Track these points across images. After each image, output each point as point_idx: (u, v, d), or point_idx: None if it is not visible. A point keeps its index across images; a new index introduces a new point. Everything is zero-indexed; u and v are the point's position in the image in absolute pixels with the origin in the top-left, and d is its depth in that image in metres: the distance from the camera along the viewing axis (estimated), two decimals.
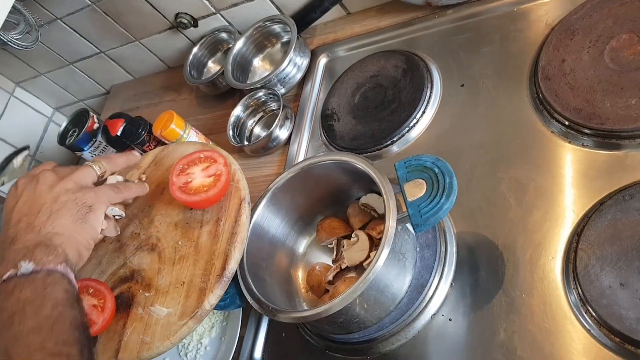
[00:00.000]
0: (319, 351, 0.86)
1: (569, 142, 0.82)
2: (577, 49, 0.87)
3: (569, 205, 0.78)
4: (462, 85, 0.98)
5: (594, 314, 0.68)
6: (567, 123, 0.83)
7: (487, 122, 0.92)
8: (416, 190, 0.73)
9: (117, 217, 0.84)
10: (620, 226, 0.70)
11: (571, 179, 0.80)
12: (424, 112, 0.98)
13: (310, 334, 0.88)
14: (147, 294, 0.80)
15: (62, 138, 1.34)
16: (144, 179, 0.92)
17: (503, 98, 0.92)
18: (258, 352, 0.92)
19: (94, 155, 1.34)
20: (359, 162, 0.80)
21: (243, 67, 1.28)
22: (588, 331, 0.68)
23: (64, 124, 1.36)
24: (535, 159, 0.84)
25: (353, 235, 0.86)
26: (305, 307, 0.88)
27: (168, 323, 0.75)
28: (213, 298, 0.73)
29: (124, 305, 0.81)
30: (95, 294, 0.80)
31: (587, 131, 0.81)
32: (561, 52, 0.88)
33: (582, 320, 0.69)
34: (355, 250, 0.84)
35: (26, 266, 0.64)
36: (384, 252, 0.70)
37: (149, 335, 0.76)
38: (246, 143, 1.19)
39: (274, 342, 0.92)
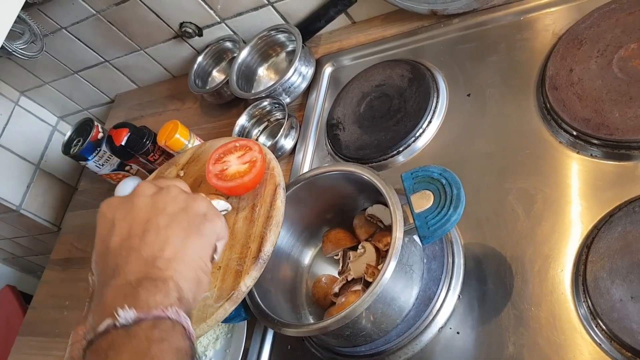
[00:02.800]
0: None
1: (577, 153, 0.81)
2: (585, 59, 0.86)
3: (577, 216, 0.77)
4: (469, 95, 0.97)
5: (604, 327, 0.67)
6: (575, 133, 0.82)
7: (494, 132, 0.91)
8: (423, 201, 0.72)
9: (224, 213, 0.75)
10: (631, 238, 0.69)
11: (580, 190, 0.79)
12: (430, 121, 0.98)
13: (316, 346, 0.87)
14: None
15: (67, 147, 1.34)
16: (182, 175, 0.92)
17: (510, 108, 0.92)
18: None
19: (98, 165, 1.34)
20: (365, 173, 0.79)
21: (248, 76, 1.28)
22: (598, 345, 0.67)
23: (68, 134, 1.36)
24: (543, 170, 0.83)
25: (360, 246, 0.85)
26: (311, 320, 0.87)
27: (204, 306, 0.74)
28: (249, 280, 0.73)
29: None
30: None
31: (595, 142, 0.80)
32: (569, 62, 0.87)
33: (593, 334, 0.68)
34: (361, 262, 0.83)
35: (126, 315, 0.48)
36: (391, 265, 0.69)
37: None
38: None
39: (279, 355, 0.91)
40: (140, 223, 0.56)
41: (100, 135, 1.33)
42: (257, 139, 1.22)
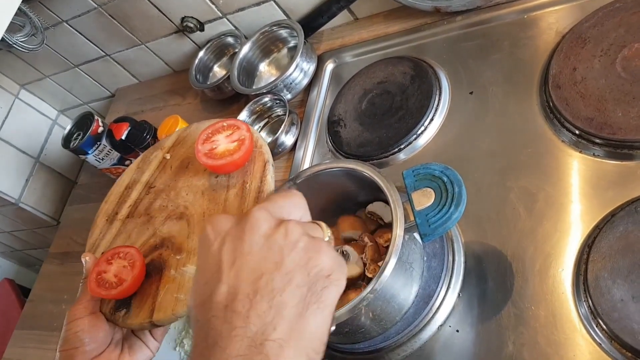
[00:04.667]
0: None
1: (580, 152, 0.81)
2: (588, 58, 0.86)
3: (579, 215, 0.77)
4: (471, 93, 0.97)
5: (605, 327, 0.66)
6: (577, 132, 0.82)
7: (496, 130, 0.91)
8: (424, 199, 0.71)
9: None
10: (633, 238, 0.69)
11: (582, 189, 0.78)
12: (432, 119, 0.97)
13: None
14: (178, 257, 0.80)
15: (66, 141, 1.34)
16: (168, 158, 0.92)
17: (513, 106, 0.91)
18: None
19: (98, 159, 1.34)
20: (366, 170, 0.79)
21: (249, 72, 1.27)
22: (599, 345, 0.67)
23: (68, 127, 1.35)
24: (545, 169, 0.83)
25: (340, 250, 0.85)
26: None
27: (189, 279, 0.75)
28: None
29: (156, 270, 0.81)
30: (125, 256, 0.81)
31: (598, 141, 0.79)
32: (572, 61, 0.87)
33: (593, 334, 0.68)
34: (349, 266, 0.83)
35: None
36: (391, 262, 0.69)
37: (182, 293, 0.76)
38: None
39: None
40: (250, 277, 0.46)
41: (100, 129, 1.32)
42: None
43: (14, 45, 1.25)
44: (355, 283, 0.83)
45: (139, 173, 0.95)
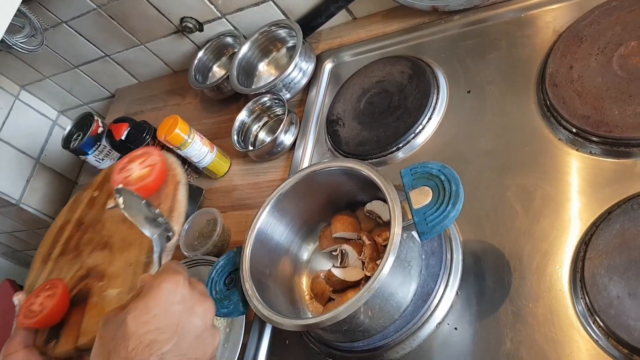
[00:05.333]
0: (323, 359, 0.85)
1: (577, 150, 0.81)
2: (585, 56, 0.86)
3: (576, 213, 0.77)
4: (469, 92, 0.97)
5: (601, 324, 0.67)
6: (574, 130, 0.82)
7: (493, 129, 0.91)
8: (422, 197, 0.72)
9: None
10: (629, 235, 0.70)
11: (579, 187, 0.79)
12: (430, 118, 0.98)
13: (314, 341, 0.87)
14: (100, 284, 0.85)
15: (66, 142, 1.34)
16: (96, 195, 0.97)
17: (510, 105, 0.92)
18: (261, 359, 0.91)
19: (98, 160, 1.34)
20: (364, 169, 0.79)
21: (248, 71, 1.28)
22: (595, 342, 0.67)
23: (68, 128, 1.36)
24: (543, 167, 0.83)
25: (339, 249, 0.86)
26: (309, 315, 0.87)
27: (120, 300, 0.80)
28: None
29: (82, 299, 0.85)
30: (49, 287, 0.85)
31: (595, 139, 0.80)
32: (569, 59, 0.87)
33: (590, 331, 0.68)
34: (349, 270, 0.83)
35: None
36: (389, 260, 0.69)
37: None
38: (251, 148, 1.19)
39: (277, 350, 0.91)
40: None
41: (100, 129, 1.33)
42: (257, 135, 1.23)
43: (14, 46, 1.25)
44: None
45: (71, 213, 1.01)
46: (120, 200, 0.74)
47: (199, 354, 0.60)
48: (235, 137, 1.19)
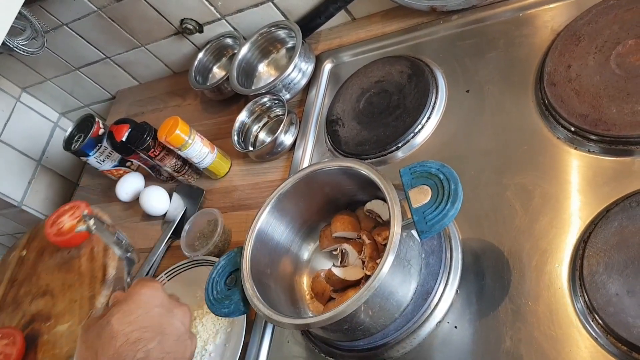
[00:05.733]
0: (323, 359, 0.86)
1: (575, 149, 0.82)
2: (582, 55, 0.86)
3: (575, 211, 0.77)
4: (468, 91, 0.98)
5: (600, 322, 0.67)
6: (573, 129, 0.82)
7: (492, 128, 0.91)
8: (421, 196, 0.72)
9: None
10: (627, 233, 0.70)
11: (577, 185, 0.79)
12: (429, 117, 0.98)
13: (314, 340, 0.88)
14: (48, 323, 0.98)
15: (68, 143, 1.35)
16: (24, 254, 1.10)
17: (508, 104, 0.92)
18: (262, 358, 0.91)
19: (99, 161, 1.35)
20: (363, 168, 0.80)
21: (248, 72, 1.28)
22: (595, 339, 0.68)
23: (69, 130, 1.36)
24: (541, 166, 0.83)
25: (340, 249, 0.86)
26: (310, 314, 0.87)
27: (71, 332, 0.92)
28: (102, 298, 0.94)
29: (31, 342, 0.98)
30: (4, 336, 0.97)
31: (593, 137, 0.80)
32: (567, 58, 0.88)
33: (589, 328, 0.68)
34: (349, 269, 0.84)
35: None
36: (389, 259, 0.70)
37: (57, 348, 0.93)
38: (251, 148, 1.20)
39: (278, 349, 0.91)
40: None
41: (101, 131, 1.33)
42: (257, 135, 1.23)
43: (15, 48, 1.26)
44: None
45: (1, 275, 1.16)
46: (91, 222, 0.84)
47: (179, 355, 0.65)
48: (236, 138, 1.19)
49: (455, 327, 0.78)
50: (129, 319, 0.63)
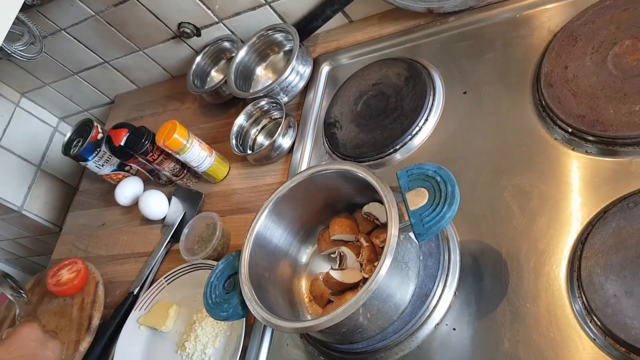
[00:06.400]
0: None
1: (573, 149, 0.82)
2: (579, 55, 0.86)
3: (573, 213, 0.77)
4: (465, 93, 0.98)
5: (599, 323, 0.67)
6: (570, 130, 0.82)
7: (489, 129, 0.91)
8: (418, 199, 0.72)
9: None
10: (625, 234, 0.70)
11: (575, 186, 0.79)
12: (426, 119, 0.98)
13: (313, 343, 0.88)
14: None
15: (67, 148, 1.35)
16: (29, 296, 1.27)
17: (506, 105, 0.92)
18: None
19: (98, 165, 1.35)
20: (361, 171, 0.80)
21: (246, 75, 1.28)
22: (593, 340, 0.67)
23: (68, 134, 1.36)
24: (539, 167, 0.83)
25: (338, 252, 0.86)
26: (309, 317, 0.87)
27: None
28: (85, 343, 1.10)
29: None
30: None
31: (590, 138, 0.80)
32: (564, 59, 0.88)
33: (587, 330, 0.68)
34: (348, 272, 0.84)
35: None
36: (387, 262, 0.70)
37: None
38: (249, 152, 1.19)
39: (277, 353, 0.91)
40: None
41: (99, 135, 1.34)
42: (255, 139, 1.23)
43: (13, 54, 1.26)
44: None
45: (7, 312, 1.31)
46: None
47: None
48: (234, 141, 1.19)
49: (454, 329, 0.77)
50: (9, 349, 0.85)
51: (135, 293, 1.15)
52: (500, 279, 0.77)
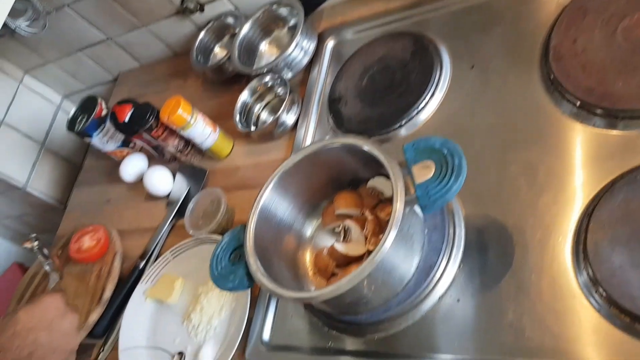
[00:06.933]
0: (326, 332, 0.86)
1: (581, 123, 0.81)
2: (588, 29, 0.85)
3: (579, 186, 0.77)
4: (472, 67, 0.97)
5: (604, 293, 0.67)
6: (578, 104, 0.82)
7: (497, 103, 0.91)
8: (425, 172, 0.72)
9: None
10: (632, 206, 0.70)
11: (582, 160, 0.79)
12: (432, 94, 0.97)
13: (317, 315, 0.88)
14: None
15: (71, 124, 1.35)
16: (59, 254, 1.30)
17: (513, 79, 0.91)
18: (266, 333, 0.92)
19: (102, 142, 1.35)
20: (366, 145, 0.79)
21: (249, 51, 1.27)
22: (598, 311, 0.68)
23: (72, 111, 1.36)
24: (546, 141, 0.83)
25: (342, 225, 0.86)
26: (313, 290, 0.87)
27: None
28: (94, 315, 1.10)
29: None
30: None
31: (598, 111, 0.79)
32: (573, 32, 0.87)
33: (592, 301, 0.68)
34: (352, 245, 0.84)
35: None
36: (392, 234, 0.69)
37: None
38: (253, 128, 1.19)
39: (281, 323, 0.92)
40: None
41: (104, 112, 1.33)
42: (259, 115, 1.22)
43: (17, 30, 1.25)
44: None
45: (39, 267, 1.33)
46: (36, 243, 1.22)
47: (63, 345, 0.90)
48: (238, 118, 1.18)
49: (458, 300, 0.78)
50: (30, 313, 0.88)
51: (141, 267, 1.16)
52: (505, 252, 0.77)
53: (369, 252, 0.81)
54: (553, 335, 0.69)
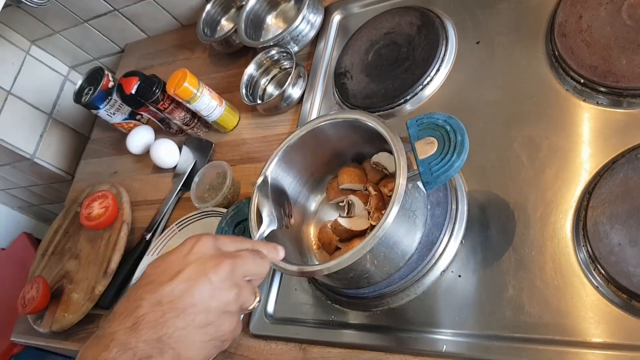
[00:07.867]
0: (330, 306, 0.88)
1: (584, 101, 0.81)
2: (594, 5, 0.85)
3: (582, 163, 0.77)
4: (478, 43, 0.97)
5: (602, 271, 0.68)
6: (582, 81, 0.82)
7: (501, 80, 0.91)
8: (427, 148, 0.73)
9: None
10: (632, 184, 0.70)
11: (585, 137, 0.79)
12: (438, 69, 0.97)
13: (321, 289, 0.90)
14: (70, 286, 1.20)
15: (78, 96, 1.35)
16: (79, 211, 1.26)
17: (518, 55, 0.91)
18: (270, 306, 0.94)
19: (109, 114, 1.35)
20: (370, 120, 0.80)
21: (256, 24, 1.27)
22: (596, 288, 0.69)
23: (79, 82, 1.37)
24: (550, 118, 0.83)
25: (346, 200, 0.87)
26: (317, 264, 0.89)
27: (77, 303, 1.15)
28: (100, 286, 1.12)
29: (60, 293, 1.21)
30: (36, 285, 1.20)
31: (602, 89, 0.80)
32: (578, 9, 0.86)
33: (591, 278, 0.70)
34: (355, 219, 0.85)
35: None
36: (394, 210, 0.70)
37: (67, 312, 1.16)
38: (259, 102, 1.20)
39: (286, 297, 0.94)
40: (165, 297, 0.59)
41: (110, 84, 1.34)
42: (265, 88, 1.23)
43: (23, 0, 1.25)
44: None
45: (63, 220, 1.36)
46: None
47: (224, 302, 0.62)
48: (244, 91, 1.19)
49: (459, 275, 0.79)
50: (184, 250, 0.63)
51: (147, 239, 1.18)
52: (507, 228, 0.78)
53: (372, 227, 0.83)
54: (552, 311, 0.70)
